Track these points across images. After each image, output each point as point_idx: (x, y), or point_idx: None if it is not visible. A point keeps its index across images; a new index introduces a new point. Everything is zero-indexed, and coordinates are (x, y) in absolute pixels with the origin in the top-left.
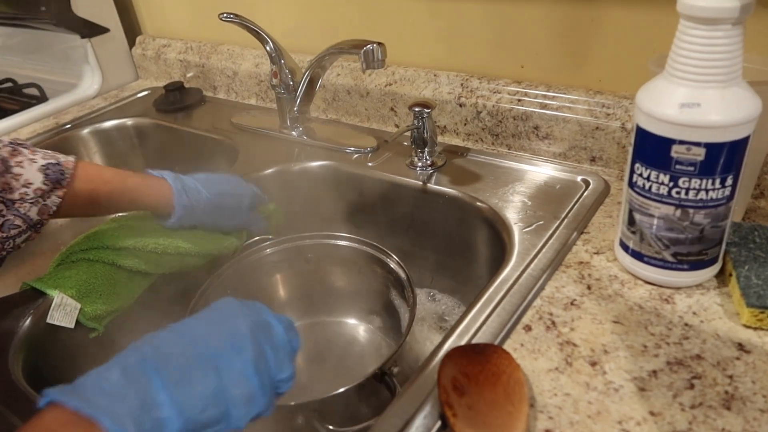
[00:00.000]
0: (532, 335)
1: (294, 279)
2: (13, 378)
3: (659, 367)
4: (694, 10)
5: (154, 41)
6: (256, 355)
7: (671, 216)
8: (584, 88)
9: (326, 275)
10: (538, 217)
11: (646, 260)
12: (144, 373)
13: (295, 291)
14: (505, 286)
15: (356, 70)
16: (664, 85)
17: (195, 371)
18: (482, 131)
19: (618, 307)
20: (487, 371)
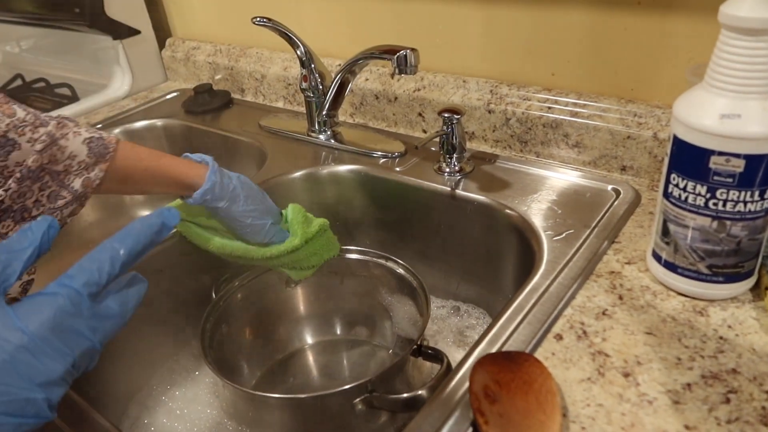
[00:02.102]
0: (563, 344)
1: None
2: None
3: (694, 380)
4: (737, 20)
5: (184, 44)
6: None
7: (707, 228)
8: (616, 97)
9: (341, 289)
10: (568, 225)
11: (679, 271)
12: None
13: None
14: (536, 294)
15: (384, 75)
16: (704, 95)
17: None
18: (511, 138)
19: (650, 318)
20: (519, 379)
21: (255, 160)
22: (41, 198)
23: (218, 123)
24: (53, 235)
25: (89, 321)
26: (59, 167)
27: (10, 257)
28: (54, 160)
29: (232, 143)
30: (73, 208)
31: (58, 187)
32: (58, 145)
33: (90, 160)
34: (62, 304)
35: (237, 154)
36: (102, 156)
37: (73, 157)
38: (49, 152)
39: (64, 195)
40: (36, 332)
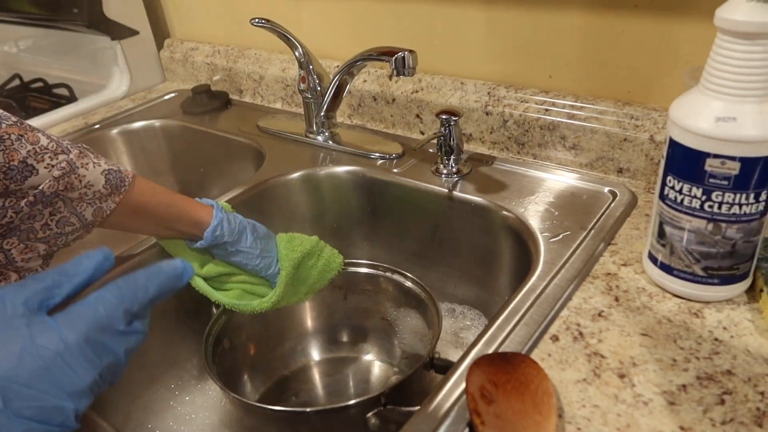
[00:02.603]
0: (559, 345)
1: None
2: None
3: (689, 381)
4: (733, 24)
5: (182, 44)
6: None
7: (703, 230)
8: (613, 99)
9: (346, 304)
10: (565, 227)
11: (675, 273)
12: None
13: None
14: (532, 295)
15: (382, 77)
16: (700, 98)
17: None
18: (508, 140)
19: (646, 319)
20: (515, 380)
21: (253, 161)
22: (50, 222)
23: (216, 124)
24: (107, 268)
25: (119, 336)
26: (74, 194)
27: (62, 279)
28: (71, 187)
29: (230, 144)
30: (79, 234)
31: (69, 213)
32: (77, 174)
33: (105, 191)
34: (100, 316)
35: (235, 155)
36: (117, 188)
37: (89, 186)
38: (66, 180)
39: (73, 222)
40: (73, 341)
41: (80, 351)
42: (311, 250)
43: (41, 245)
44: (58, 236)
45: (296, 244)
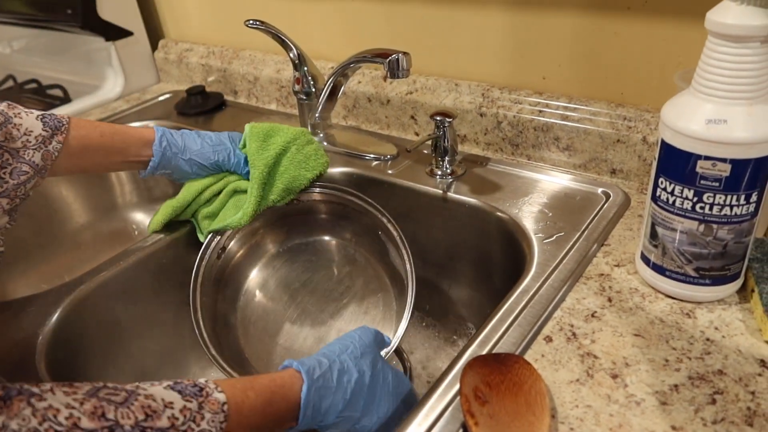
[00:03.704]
0: (552, 346)
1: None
2: (40, 376)
3: (681, 381)
4: (723, 27)
5: (177, 45)
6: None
7: (695, 231)
8: (606, 101)
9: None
10: (558, 228)
11: (667, 274)
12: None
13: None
14: (526, 296)
15: (377, 78)
16: (691, 100)
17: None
18: (502, 141)
19: (639, 320)
20: (509, 381)
21: None
22: (4, 176)
23: (211, 125)
24: None
25: None
26: (17, 144)
27: None
28: (10, 137)
29: None
30: (36, 181)
31: (18, 163)
32: (13, 123)
33: (47, 134)
34: None
35: None
36: (57, 128)
37: (29, 133)
38: (4, 130)
39: (26, 170)
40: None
41: None
42: (287, 144)
43: (3, 200)
44: (16, 187)
45: (272, 142)
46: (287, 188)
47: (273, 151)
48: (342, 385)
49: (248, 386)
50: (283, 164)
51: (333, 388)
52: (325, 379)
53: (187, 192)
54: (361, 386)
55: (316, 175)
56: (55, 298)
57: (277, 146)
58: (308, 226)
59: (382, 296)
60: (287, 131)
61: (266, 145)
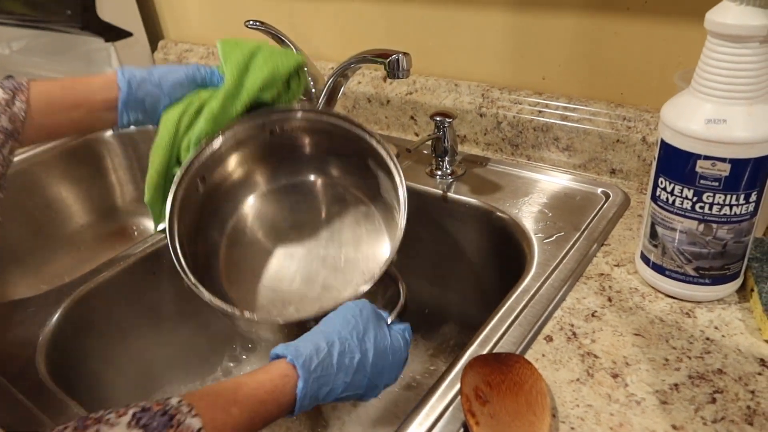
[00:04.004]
0: (553, 346)
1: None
2: (41, 377)
3: (681, 380)
4: (722, 27)
5: (176, 46)
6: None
7: (694, 230)
8: (605, 101)
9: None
10: (558, 228)
11: (667, 274)
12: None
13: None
14: (526, 296)
15: (377, 79)
16: (690, 100)
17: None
18: (502, 141)
19: (639, 319)
20: (509, 380)
21: None
22: None
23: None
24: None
25: None
26: None
27: None
28: None
29: None
30: (11, 145)
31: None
32: None
33: (8, 96)
34: None
35: None
36: (18, 89)
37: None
38: None
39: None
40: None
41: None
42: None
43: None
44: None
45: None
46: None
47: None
48: (343, 367)
49: (231, 400)
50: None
51: (333, 374)
52: (324, 366)
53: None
54: (364, 365)
55: (298, 63)
56: (55, 299)
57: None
58: (294, 161)
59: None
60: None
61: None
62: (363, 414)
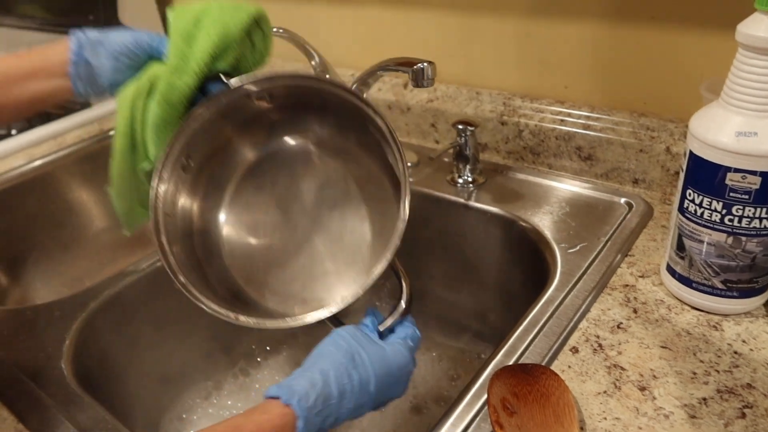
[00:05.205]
0: (579, 357)
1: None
2: (67, 380)
3: (709, 394)
4: (754, 40)
5: None
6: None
7: (723, 243)
8: (628, 110)
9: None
10: (582, 237)
11: (694, 286)
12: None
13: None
14: (551, 306)
15: (397, 86)
16: (720, 112)
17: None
18: (523, 150)
19: (665, 332)
20: (536, 392)
21: None
22: None
23: None
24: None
25: None
26: None
27: None
28: None
29: None
30: None
31: None
32: None
33: None
34: None
35: None
36: None
37: None
38: None
39: None
40: None
41: None
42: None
43: None
44: None
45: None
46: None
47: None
48: (345, 393)
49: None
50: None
51: (335, 404)
52: (324, 398)
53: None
54: (366, 384)
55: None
56: (80, 303)
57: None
58: (286, 131)
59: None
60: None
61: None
62: (385, 424)
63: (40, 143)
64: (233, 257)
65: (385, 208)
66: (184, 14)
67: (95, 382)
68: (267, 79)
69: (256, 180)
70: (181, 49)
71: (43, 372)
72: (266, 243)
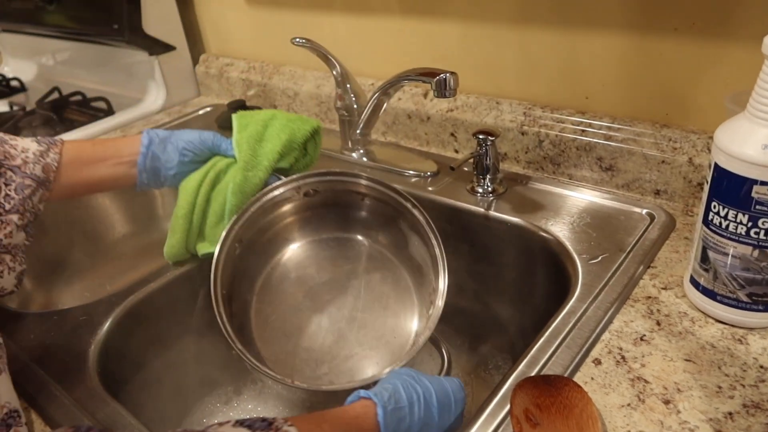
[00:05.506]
0: (602, 369)
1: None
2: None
3: (735, 409)
4: None
5: (218, 60)
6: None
7: (748, 256)
8: (650, 121)
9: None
10: (603, 248)
11: (719, 299)
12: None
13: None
14: (573, 317)
15: (417, 95)
16: (746, 125)
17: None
18: (543, 160)
19: (689, 344)
20: (559, 403)
21: None
22: (9, 192)
23: None
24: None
25: None
26: (17, 162)
27: None
28: (9, 156)
29: None
30: (41, 194)
31: (21, 178)
32: (9, 144)
33: (43, 148)
34: None
35: None
36: (53, 143)
37: (25, 150)
38: (1, 149)
39: (28, 183)
40: None
41: None
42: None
43: (14, 216)
44: (23, 202)
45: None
46: (289, 142)
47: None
48: (413, 401)
49: (321, 420)
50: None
51: (407, 407)
52: (395, 399)
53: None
54: (430, 398)
55: (314, 127)
56: (105, 309)
57: (264, 115)
58: (327, 220)
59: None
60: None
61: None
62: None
63: None
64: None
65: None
66: (249, 118)
67: (120, 386)
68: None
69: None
70: (253, 148)
71: (69, 375)
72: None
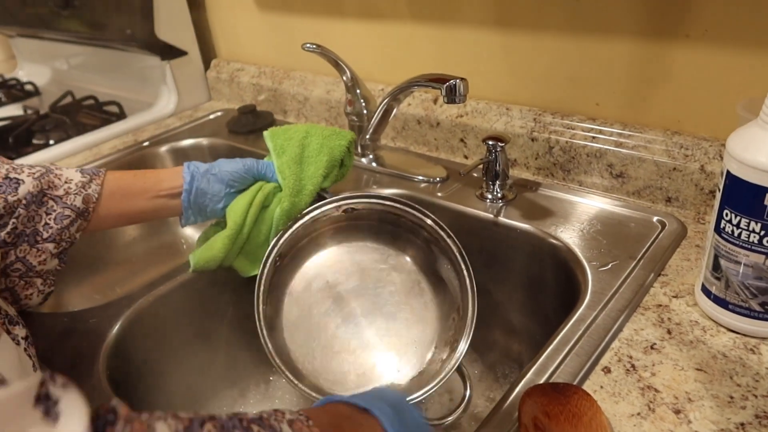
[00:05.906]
0: (611, 378)
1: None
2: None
3: (747, 420)
4: None
5: (229, 65)
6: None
7: (761, 265)
8: (662, 128)
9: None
10: (613, 256)
11: (730, 308)
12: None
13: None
14: (582, 325)
15: (427, 101)
16: (759, 132)
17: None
18: (553, 166)
19: (700, 354)
20: (568, 412)
21: None
22: (49, 221)
23: (261, 143)
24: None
25: None
26: (60, 192)
27: None
28: (53, 185)
29: None
30: (79, 224)
31: (62, 208)
32: (54, 173)
33: (85, 179)
34: None
35: None
36: (95, 174)
37: (69, 181)
38: (47, 179)
39: (68, 214)
40: None
41: None
42: (307, 131)
43: (50, 245)
44: (61, 231)
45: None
46: (329, 162)
47: (296, 140)
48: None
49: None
50: (312, 146)
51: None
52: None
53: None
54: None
55: (350, 141)
56: (115, 311)
57: (298, 134)
58: (360, 235)
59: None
60: (300, 126)
61: (287, 136)
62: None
63: (77, 153)
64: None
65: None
66: (284, 139)
67: (128, 388)
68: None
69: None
70: (296, 174)
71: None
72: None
